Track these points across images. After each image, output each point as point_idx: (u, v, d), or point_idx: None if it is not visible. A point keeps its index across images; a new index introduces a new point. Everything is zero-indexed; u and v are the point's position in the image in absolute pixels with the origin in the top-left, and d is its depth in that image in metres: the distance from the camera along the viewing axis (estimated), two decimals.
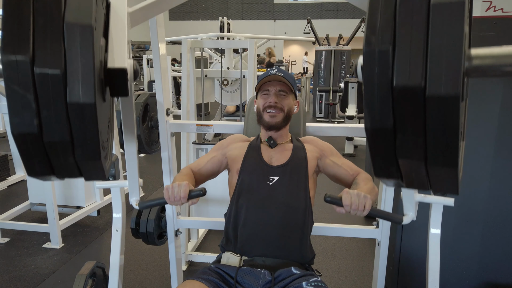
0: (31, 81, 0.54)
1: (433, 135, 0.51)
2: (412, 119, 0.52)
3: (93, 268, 1.67)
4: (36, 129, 0.57)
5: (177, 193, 1.22)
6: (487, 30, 1.74)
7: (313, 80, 9.16)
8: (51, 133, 0.58)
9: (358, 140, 5.38)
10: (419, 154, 0.54)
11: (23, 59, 0.53)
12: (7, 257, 2.66)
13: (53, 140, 0.58)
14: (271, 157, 1.48)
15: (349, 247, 2.83)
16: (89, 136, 0.59)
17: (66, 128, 0.58)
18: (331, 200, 1.16)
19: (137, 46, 14.72)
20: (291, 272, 1.28)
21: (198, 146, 2.65)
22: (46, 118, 0.57)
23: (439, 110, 0.50)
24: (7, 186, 3.89)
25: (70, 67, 0.55)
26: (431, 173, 0.56)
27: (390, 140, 0.54)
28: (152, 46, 1.57)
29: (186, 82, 2.70)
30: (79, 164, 0.63)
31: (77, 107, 0.56)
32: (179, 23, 18.97)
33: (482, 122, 1.84)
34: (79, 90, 0.56)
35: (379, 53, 0.51)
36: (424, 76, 0.49)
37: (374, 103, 0.53)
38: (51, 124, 0.57)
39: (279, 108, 1.48)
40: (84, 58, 0.55)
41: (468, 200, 1.92)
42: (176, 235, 1.78)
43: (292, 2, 19.57)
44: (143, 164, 4.93)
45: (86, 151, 0.61)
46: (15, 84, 0.54)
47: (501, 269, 1.97)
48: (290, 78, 1.52)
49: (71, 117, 0.57)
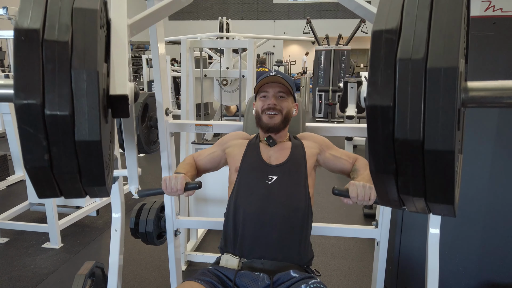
0: (41, 122, 0.60)
1: (431, 181, 0.57)
2: (412, 166, 0.57)
3: (92, 268, 1.67)
4: (47, 163, 0.62)
5: (174, 185, 1.29)
6: (486, 30, 1.74)
7: (312, 80, 9.17)
8: (60, 166, 0.64)
9: (358, 140, 5.38)
10: (419, 192, 0.59)
11: (34, 103, 0.59)
12: (6, 257, 2.65)
13: (62, 172, 0.64)
14: (270, 156, 1.48)
15: (348, 247, 2.83)
16: (95, 168, 0.65)
17: (74, 163, 0.64)
18: (339, 193, 1.26)
19: (137, 46, 14.69)
20: (290, 275, 1.27)
21: (197, 146, 2.65)
22: (56, 154, 0.62)
23: (436, 161, 0.55)
24: (6, 186, 3.89)
25: (78, 108, 0.61)
26: (431, 206, 0.61)
27: (393, 180, 0.59)
28: (151, 46, 1.57)
29: (185, 82, 2.70)
30: (85, 188, 0.69)
31: (84, 144, 0.62)
32: (179, 23, 18.96)
33: (482, 122, 1.84)
34: (86, 129, 0.62)
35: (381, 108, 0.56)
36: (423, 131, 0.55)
37: (379, 151, 0.58)
38: (60, 159, 0.63)
39: (278, 109, 1.47)
40: (90, 100, 0.61)
41: (467, 200, 1.92)
42: (175, 235, 1.78)
43: (291, 2, 19.56)
44: (142, 164, 4.93)
45: (92, 179, 0.67)
46: (27, 125, 0.60)
47: (500, 269, 1.97)
48: (290, 80, 1.51)
49: (78, 153, 0.63)
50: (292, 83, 1.52)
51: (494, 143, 1.84)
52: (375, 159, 0.59)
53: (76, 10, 0.62)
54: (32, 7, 0.61)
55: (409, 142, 0.55)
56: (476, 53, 1.75)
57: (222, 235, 1.44)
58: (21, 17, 0.60)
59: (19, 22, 0.59)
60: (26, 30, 0.58)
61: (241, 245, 1.34)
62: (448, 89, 0.53)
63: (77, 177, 0.65)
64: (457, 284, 2.02)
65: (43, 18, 0.60)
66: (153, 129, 2.09)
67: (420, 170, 0.56)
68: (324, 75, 8.52)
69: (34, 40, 0.58)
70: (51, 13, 0.61)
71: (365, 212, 3.37)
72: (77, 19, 0.62)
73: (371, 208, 3.32)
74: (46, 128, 0.60)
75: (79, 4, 0.63)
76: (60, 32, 0.60)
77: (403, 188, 0.60)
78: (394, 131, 0.56)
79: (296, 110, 1.58)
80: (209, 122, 1.74)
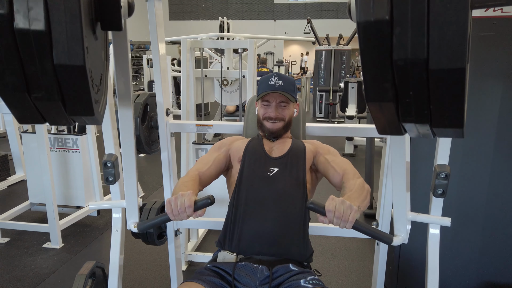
0: (11, 37, 0.48)
1: (438, 105, 0.47)
2: (415, 91, 0.47)
3: (93, 268, 1.67)
4: (21, 87, 0.52)
5: (181, 205, 1.10)
6: (486, 30, 1.74)
7: (313, 80, 9.16)
8: (38, 92, 0.53)
9: (358, 140, 5.38)
10: (424, 119, 0.49)
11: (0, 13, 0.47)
12: (7, 257, 2.66)
13: (40, 99, 0.53)
14: (272, 148, 1.52)
15: (349, 247, 2.83)
16: (79, 96, 0.54)
17: (54, 89, 0.53)
18: (314, 207, 1.05)
19: (137, 46, 14.72)
20: (289, 268, 1.27)
21: (198, 146, 2.65)
22: (31, 77, 0.51)
23: (444, 82, 0.46)
24: (7, 186, 3.89)
25: (54, 21, 0.48)
26: (437, 131, 0.52)
27: (392, 108, 0.50)
28: (152, 46, 1.57)
29: (186, 82, 2.70)
30: (72, 117, 0.59)
31: (64, 68, 0.51)
32: (179, 23, 18.96)
33: (482, 122, 1.84)
34: (66, 49, 0.49)
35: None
36: None
37: None
38: (37, 83, 0.52)
39: (281, 118, 1.53)
40: (69, 10, 0.48)
41: (467, 200, 1.92)
42: (175, 235, 1.78)
43: (292, 2, 19.55)
44: (142, 164, 4.93)
45: (77, 108, 0.56)
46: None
47: (500, 269, 1.97)
48: (290, 86, 1.54)
49: (59, 78, 0.52)
50: (293, 87, 1.55)
51: (494, 142, 1.84)
52: (371, 86, 0.50)
53: None
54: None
55: (411, 62, 0.46)
56: (476, 53, 1.75)
57: (223, 227, 1.43)
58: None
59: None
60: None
61: (240, 241, 1.33)
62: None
63: (60, 104, 0.55)
64: (457, 284, 2.02)
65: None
66: (154, 129, 2.09)
67: (425, 94, 0.48)
68: (325, 75, 8.52)
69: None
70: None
71: (365, 212, 3.37)
72: None
73: (371, 208, 3.32)
74: (17, 46, 0.48)
75: None
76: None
77: (405, 116, 0.51)
78: (392, 51, 0.47)
79: (297, 111, 1.61)
80: (209, 122, 1.74)
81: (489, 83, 1.80)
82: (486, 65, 1.79)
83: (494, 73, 1.79)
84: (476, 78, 1.77)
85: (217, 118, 4.33)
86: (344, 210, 1.03)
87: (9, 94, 0.52)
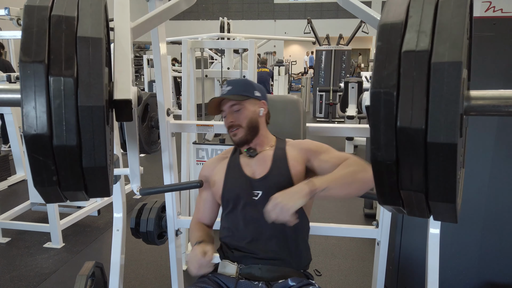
0: (50, 151, 0.63)
1: (433, 175, 0.56)
2: (414, 157, 0.56)
3: (93, 268, 1.67)
4: (55, 184, 0.66)
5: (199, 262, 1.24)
6: (486, 30, 1.74)
7: (313, 80, 9.17)
8: (67, 186, 0.67)
9: (358, 140, 5.38)
10: (420, 187, 0.58)
11: (43, 134, 0.62)
12: (8, 256, 2.66)
13: (69, 190, 0.68)
14: (253, 169, 1.39)
15: (349, 247, 2.84)
16: (100, 184, 0.69)
17: (81, 183, 0.67)
18: None
19: (138, 46, 14.70)
20: (288, 284, 1.28)
21: (198, 146, 2.65)
22: (63, 176, 0.66)
23: (438, 153, 0.55)
24: (7, 186, 3.90)
25: (85, 139, 0.64)
26: (432, 205, 0.60)
27: (394, 172, 0.59)
28: (153, 46, 1.57)
29: (186, 82, 2.70)
30: (90, 197, 0.72)
31: (90, 169, 0.65)
32: (179, 23, 18.94)
33: (482, 122, 1.84)
34: (93, 157, 0.64)
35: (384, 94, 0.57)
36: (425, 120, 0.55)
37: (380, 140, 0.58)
38: (68, 181, 0.66)
39: (237, 125, 1.38)
40: (98, 131, 0.64)
41: (467, 200, 1.92)
42: (176, 234, 1.79)
43: (292, 2, 19.55)
44: (143, 164, 4.92)
45: (97, 193, 0.71)
46: (36, 153, 0.63)
47: (500, 269, 1.97)
48: (240, 87, 1.40)
49: (85, 176, 0.67)
50: (243, 87, 1.40)
51: (494, 144, 1.84)
52: (377, 147, 0.59)
53: None
54: None
55: (412, 131, 0.55)
56: (476, 53, 1.75)
57: (219, 239, 1.44)
58: None
59: None
60: None
61: (237, 254, 1.35)
62: (452, 81, 0.53)
63: (83, 192, 0.69)
64: (457, 284, 2.02)
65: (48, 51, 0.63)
66: (154, 129, 2.10)
67: (421, 162, 0.56)
68: (325, 75, 8.52)
69: (39, 73, 0.61)
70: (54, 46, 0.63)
71: (366, 212, 3.37)
72: None
73: (372, 208, 3.32)
74: (54, 156, 0.63)
75: None
76: (66, 64, 0.62)
77: (404, 181, 0.59)
78: (397, 119, 0.56)
79: (265, 109, 1.43)
80: (210, 123, 1.74)
81: (489, 83, 1.80)
82: (486, 65, 1.79)
83: (494, 73, 1.79)
84: (476, 79, 1.77)
85: (218, 118, 4.33)
86: (274, 209, 1.14)
87: (44, 188, 0.67)
